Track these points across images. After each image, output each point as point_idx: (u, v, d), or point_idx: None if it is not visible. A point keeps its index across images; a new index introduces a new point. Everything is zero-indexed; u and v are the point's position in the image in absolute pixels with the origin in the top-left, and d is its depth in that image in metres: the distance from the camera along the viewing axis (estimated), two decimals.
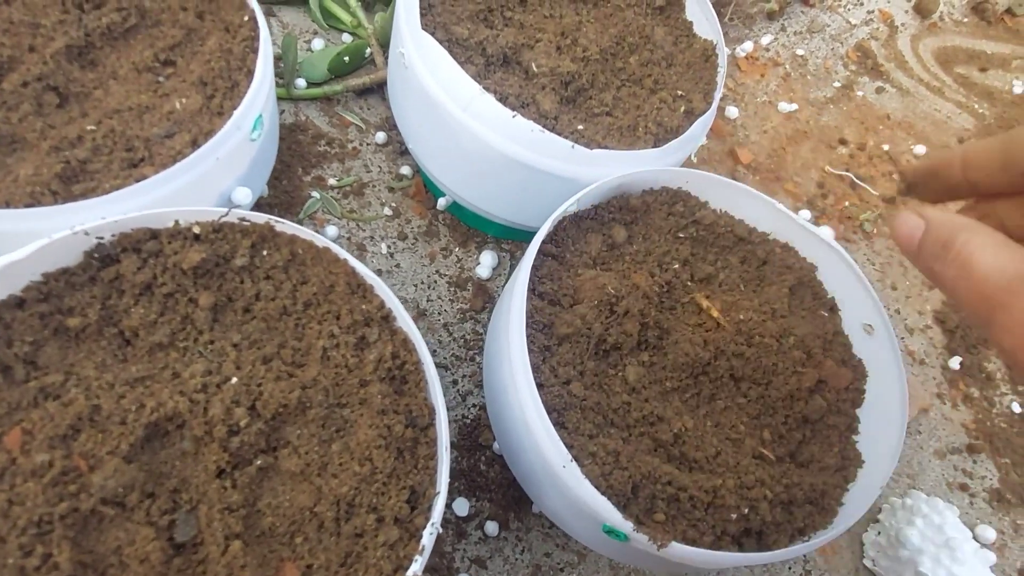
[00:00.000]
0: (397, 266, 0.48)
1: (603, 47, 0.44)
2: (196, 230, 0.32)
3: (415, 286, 0.48)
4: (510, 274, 0.49)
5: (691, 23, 0.48)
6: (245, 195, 0.36)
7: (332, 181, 0.49)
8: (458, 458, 0.43)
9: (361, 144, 0.52)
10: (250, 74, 0.37)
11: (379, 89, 0.54)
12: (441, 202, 0.48)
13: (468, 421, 0.44)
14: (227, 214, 0.32)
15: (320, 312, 0.33)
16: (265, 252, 0.33)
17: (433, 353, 0.46)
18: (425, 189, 0.51)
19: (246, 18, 0.39)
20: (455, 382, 0.45)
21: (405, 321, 0.33)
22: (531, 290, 0.36)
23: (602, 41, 0.44)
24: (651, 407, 0.35)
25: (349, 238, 0.48)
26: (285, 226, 0.33)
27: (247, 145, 0.35)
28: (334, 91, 0.52)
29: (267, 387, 0.30)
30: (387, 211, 0.50)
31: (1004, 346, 0.23)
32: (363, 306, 0.33)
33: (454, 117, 0.38)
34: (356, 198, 0.49)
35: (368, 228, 0.49)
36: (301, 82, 0.52)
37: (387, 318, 0.33)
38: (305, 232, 0.33)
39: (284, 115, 0.51)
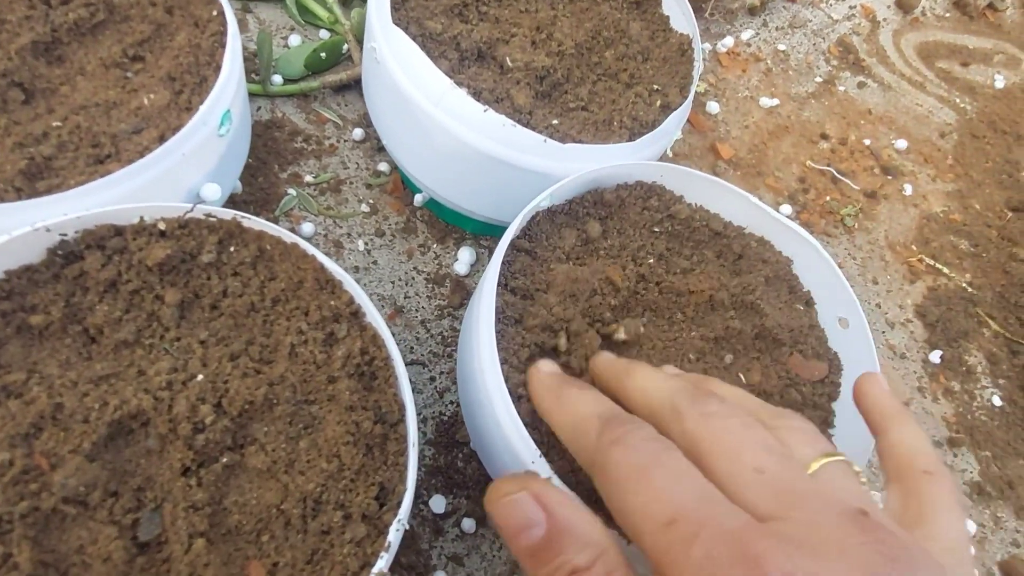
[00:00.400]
0: (374, 263, 0.48)
1: (578, 41, 0.44)
2: (162, 226, 0.32)
3: (392, 283, 0.47)
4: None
5: (667, 17, 0.48)
6: (214, 191, 0.36)
7: (309, 178, 0.49)
8: (435, 455, 0.43)
9: (338, 141, 0.51)
10: (219, 69, 0.37)
11: (356, 85, 0.54)
12: (418, 198, 0.48)
13: (445, 418, 0.44)
14: (192, 210, 0.32)
15: (288, 308, 0.33)
16: (232, 248, 0.33)
17: (410, 350, 0.46)
18: (403, 186, 0.51)
19: (215, 12, 0.38)
20: (432, 379, 0.45)
21: (374, 317, 0.32)
22: (503, 285, 0.36)
23: (577, 35, 0.44)
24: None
25: (326, 235, 0.48)
26: (252, 222, 0.33)
27: (215, 141, 0.35)
28: (311, 88, 0.52)
29: (233, 384, 0.30)
30: (364, 208, 0.49)
31: None
32: (332, 302, 0.33)
33: (426, 112, 0.38)
34: (333, 195, 0.49)
35: (345, 225, 0.48)
36: (277, 79, 0.52)
37: (356, 314, 0.33)
38: (273, 228, 0.33)
39: (260, 112, 0.51)
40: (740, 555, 0.18)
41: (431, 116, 0.38)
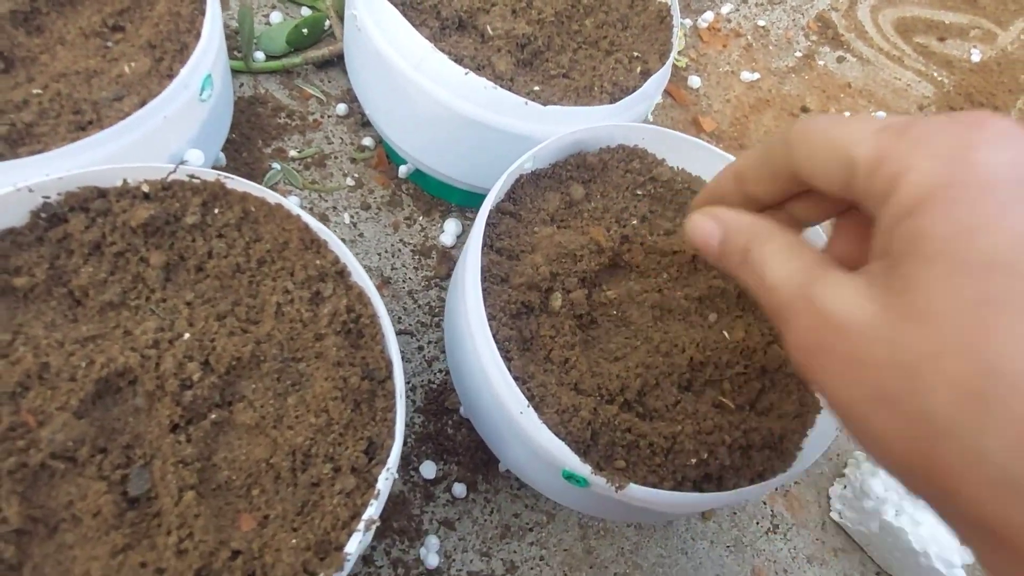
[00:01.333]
0: (361, 235, 0.48)
1: (558, 9, 0.44)
2: (145, 188, 0.32)
3: (379, 255, 0.47)
4: None
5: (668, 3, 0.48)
6: (197, 157, 0.36)
7: (293, 153, 0.49)
8: (425, 422, 0.43)
9: (322, 116, 0.52)
10: (198, 36, 0.37)
11: (339, 62, 0.54)
12: (402, 170, 0.48)
13: (435, 386, 0.44)
14: (175, 171, 0.32)
15: (274, 269, 0.33)
16: (217, 210, 0.33)
17: (398, 320, 0.46)
18: (388, 159, 0.51)
19: None
20: (421, 348, 0.45)
21: (360, 276, 0.33)
22: (488, 246, 0.36)
23: (557, 4, 0.44)
24: None
25: (311, 208, 0.48)
26: (236, 183, 0.33)
27: (197, 106, 0.35)
28: (293, 64, 0.52)
29: (220, 342, 0.30)
30: (349, 182, 0.49)
31: (791, 359, 0.22)
32: (317, 261, 0.33)
33: (407, 77, 0.38)
34: (318, 169, 0.49)
35: (330, 199, 0.48)
36: (260, 55, 0.52)
37: (342, 273, 0.33)
38: (257, 188, 0.33)
39: (243, 88, 0.51)
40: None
41: (412, 81, 0.38)
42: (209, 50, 0.35)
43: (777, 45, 0.68)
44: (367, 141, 0.51)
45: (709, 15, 0.65)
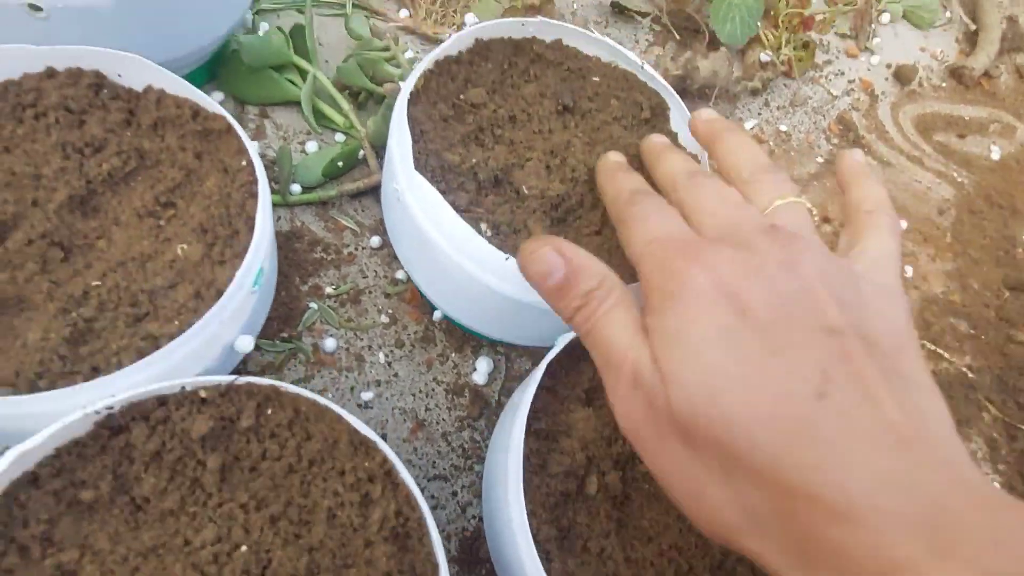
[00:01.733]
0: (395, 375, 0.49)
1: (591, 166, 0.45)
2: (203, 394, 0.33)
3: (413, 395, 0.49)
4: (505, 380, 0.51)
5: (676, 133, 0.49)
6: (247, 343, 0.37)
7: (329, 289, 0.50)
8: (459, 573, 0.44)
9: (356, 248, 0.53)
10: (249, 221, 0.38)
11: (372, 192, 0.55)
12: (437, 314, 0.49)
13: (468, 533, 0.45)
14: (234, 382, 0.33)
15: (324, 469, 0.34)
16: (270, 411, 0.34)
17: (432, 465, 0.47)
18: (420, 294, 0.52)
19: (244, 163, 0.40)
20: (454, 493, 0.46)
21: (406, 476, 0.34)
22: (526, 428, 0.38)
23: (590, 160, 0.45)
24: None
25: (348, 348, 0.49)
26: (289, 388, 0.34)
27: (249, 297, 0.36)
28: (329, 196, 0.53)
29: (276, 554, 0.31)
30: (384, 318, 0.51)
31: (616, 414, 0.28)
32: (366, 463, 0.34)
33: (448, 256, 0.39)
34: (353, 306, 0.51)
35: (366, 337, 0.50)
36: (296, 187, 0.53)
37: (389, 473, 0.34)
38: (307, 393, 0.34)
39: (280, 222, 0.52)
40: (683, 252, 0.27)
41: (453, 260, 0.39)
42: (262, 245, 0.36)
43: (799, 151, 0.69)
44: (400, 274, 0.52)
45: None
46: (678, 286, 0.26)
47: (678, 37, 0.69)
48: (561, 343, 0.38)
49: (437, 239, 0.39)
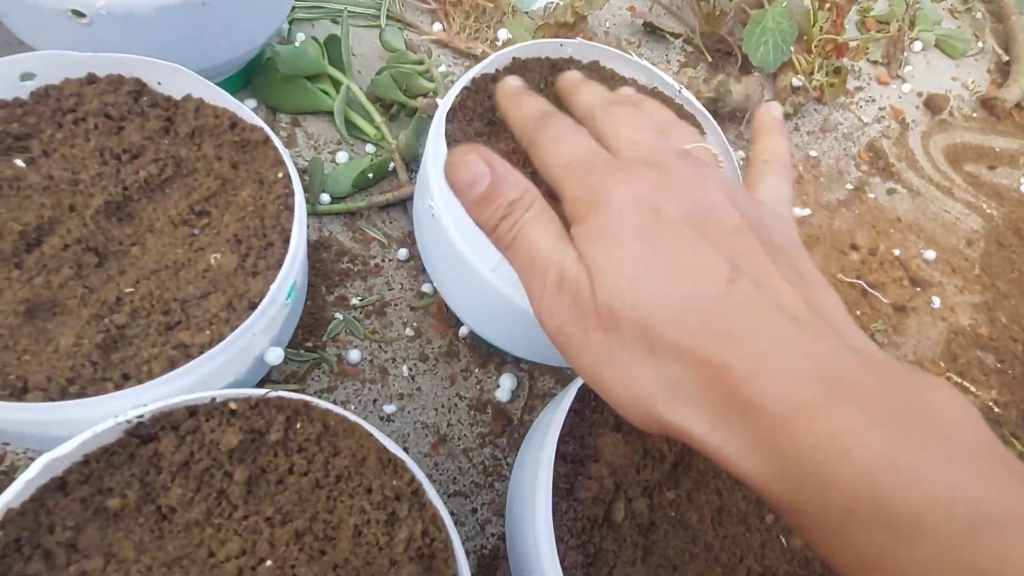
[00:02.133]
0: (418, 389, 0.49)
1: None
2: (233, 406, 0.33)
3: (436, 410, 0.48)
4: (528, 397, 0.50)
5: (715, 155, 0.49)
6: (277, 355, 0.37)
7: (355, 300, 0.50)
8: None
9: (383, 260, 0.53)
10: (283, 233, 0.38)
11: (401, 204, 0.55)
12: (463, 329, 0.49)
13: (487, 552, 0.45)
14: (265, 396, 0.33)
15: (351, 485, 0.34)
16: (299, 425, 0.34)
17: (453, 480, 0.47)
18: (446, 308, 0.52)
19: (280, 175, 0.40)
20: (474, 510, 0.46)
21: (433, 496, 0.34)
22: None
23: None
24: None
25: (371, 360, 0.49)
26: (319, 403, 0.34)
27: (281, 310, 0.36)
28: (358, 207, 0.53)
29: (300, 570, 0.31)
30: (408, 332, 0.50)
31: (540, 319, 0.29)
32: (394, 482, 0.34)
33: (481, 275, 0.39)
34: (378, 318, 0.50)
35: (390, 349, 0.50)
36: (325, 197, 0.53)
37: (416, 492, 0.34)
38: (337, 408, 0.34)
39: (308, 231, 0.52)
40: (601, 170, 0.28)
41: (485, 278, 0.39)
42: (297, 258, 0.36)
43: (828, 177, 0.68)
44: (426, 288, 0.52)
45: None
46: (600, 196, 0.27)
47: (710, 59, 0.69)
48: None
49: (470, 257, 0.39)
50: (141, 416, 0.32)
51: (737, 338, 0.24)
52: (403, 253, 0.53)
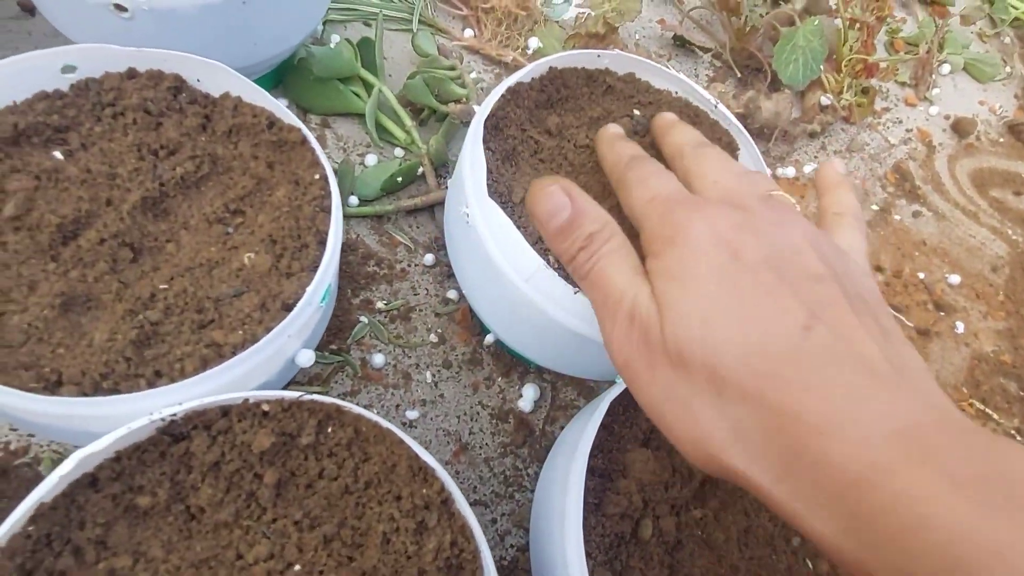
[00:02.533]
0: (441, 396, 0.48)
1: None
2: (265, 407, 0.33)
3: (458, 418, 0.48)
4: (551, 408, 0.50)
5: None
6: (308, 358, 0.37)
7: (380, 304, 0.50)
8: None
9: (409, 265, 0.53)
10: (319, 235, 0.38)
11: (428, 209, 0.55)
12: (489, 337, 0.49)
13: (506, 563, 0.45)
14: (299, 399, 0.33)
15: (381, 492, 0.33)
16: (330, 429, 0.34)
17: (473, 490, 0.46)
18: (471, 315, 0.52)
19: (316, 176, 0.40)
20: (494, 520, 0.46)
21: (463, 506, 0.33)
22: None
23: None
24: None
25: (395, 365, 0.49)
26: (351, 408, 0.34)
27: (315, 312, 0.36)
28: (385, 210, 0.53)
29: None
30: (433, 337, 0.50)
31: (610, 351, 0.29)
32: (424, 490, 0.33)
33: (515, 285, 0.39)
34: (403, 323, 0.50)
35: (414, 355, 0.49)
36: (353, 199, 0.53)
37: (446, 502, 0.34)
38: (369, 414, 0.34)
39: None
40: (683, 206, 0.29)
41: (519, 289, 0.39)
42: (332, 262, 0.36)
43: None
44: (451, 294, 0.52)
45: (791, 170, 0.66)
46: (679, 233, 0.27)
47: (739, 74, 0.69)
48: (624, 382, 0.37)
49: (504, 266, 0.39)
50: (175, 415, 0.32)
51: (810, 387, 0.23)
52: (429, 258, 0.53)
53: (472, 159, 0.40)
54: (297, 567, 0.31)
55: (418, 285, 0.52)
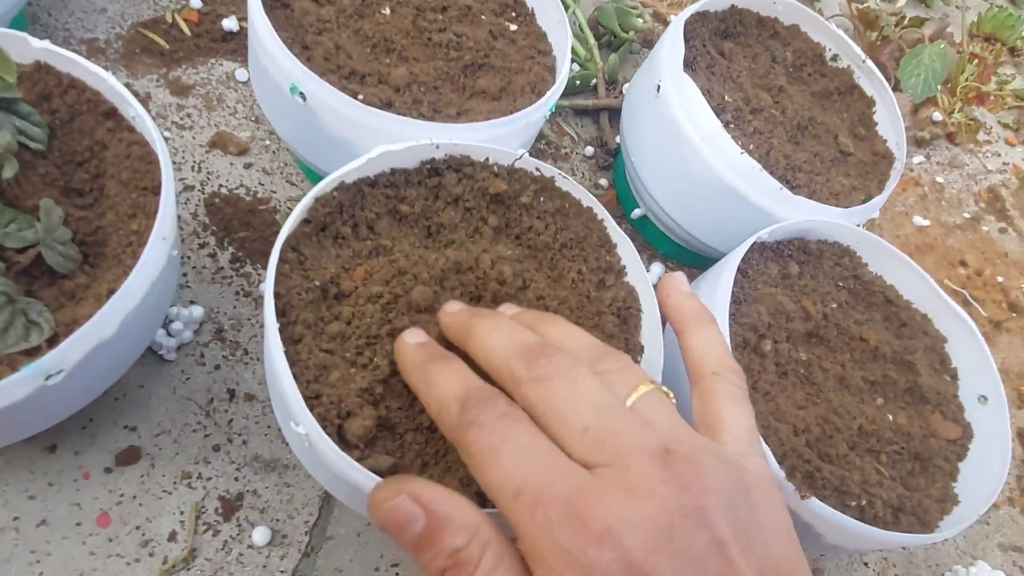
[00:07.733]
0: None
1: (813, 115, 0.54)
2: (495, 169, 0.42)
3: None
4: None
5: (876, 123, 0.58)
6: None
7: None
8: None
9: (571, 152, 0.62)
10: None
11: (593, 113, 0.65)
12: (636, 212, 0.58)
13: None
14: (521, 157, 0.42)
15: (572, 253, 0.42)
16: (543, 198, 0.43)
17: None
18: (617, 201, 0.61)
19: None
20: None
21: (638, 279, 0.42)
22: None
23: (808, 110, 0.54)
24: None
25: None
26: (563, 182, 0.43)
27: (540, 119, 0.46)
28: (560, 106, 0.63)
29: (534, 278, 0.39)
30: None
31: None
32: (608, 257, 0.42)
33: (692, 144, 0.48)
34: None
35: None
36: None
37: (621, 272, 0.42)
38: (577, 190, 0.43)
39: None
40: (570, 516, 0.22)
41: (695, 147, 0.48)
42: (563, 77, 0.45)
43: (949, 202, 0.76)
44: (603, 181, 0.61)
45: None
46: (574, 569, 0.22)
47: None
48: (763, 234, 0.46)
49: (687, 128, 0.48)
50: (435, 154, 0.41)
51: None
52: (589, 151, 0.62)
53: (672, 43, 0.50)
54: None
55: (576, 169, 0.61)
